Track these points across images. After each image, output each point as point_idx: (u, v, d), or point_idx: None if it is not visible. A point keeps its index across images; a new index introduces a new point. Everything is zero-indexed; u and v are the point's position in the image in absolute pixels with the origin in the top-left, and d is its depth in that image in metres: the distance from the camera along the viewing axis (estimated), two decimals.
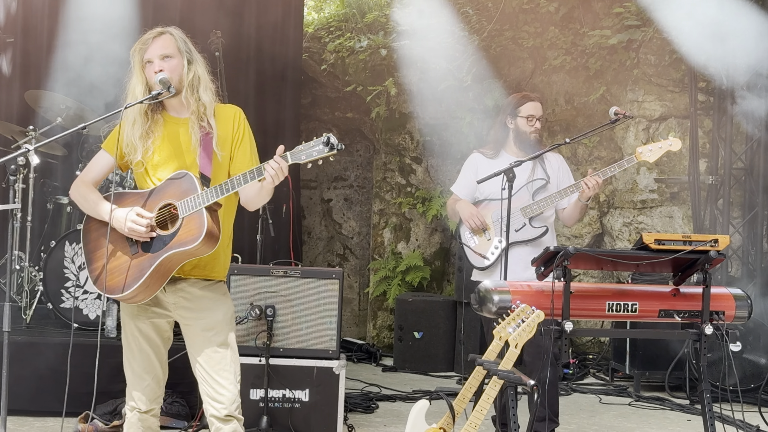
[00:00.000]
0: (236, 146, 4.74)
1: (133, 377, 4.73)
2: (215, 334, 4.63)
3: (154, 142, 4.64)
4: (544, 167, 6.37)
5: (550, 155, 6.44)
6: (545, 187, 6.30)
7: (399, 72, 10.58)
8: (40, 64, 9.47)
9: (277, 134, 10.46)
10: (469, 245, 6.32)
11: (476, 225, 6.25)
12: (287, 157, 4.43)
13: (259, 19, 10.31)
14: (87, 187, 4.72)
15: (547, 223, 6.30)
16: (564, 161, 6.58)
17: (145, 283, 4.46)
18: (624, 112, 5.96)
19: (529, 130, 6.35)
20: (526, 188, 6.24)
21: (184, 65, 4.64)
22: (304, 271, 6.92)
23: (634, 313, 4.93)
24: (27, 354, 6.80)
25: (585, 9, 10.34)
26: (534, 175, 6.32)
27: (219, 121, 4.72)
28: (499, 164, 6.16)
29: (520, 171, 6.05)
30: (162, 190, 4.56)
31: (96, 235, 4.65)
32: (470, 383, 4.91)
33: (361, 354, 10.19)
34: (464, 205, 6.37)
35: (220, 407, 4.57)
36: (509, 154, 6.33)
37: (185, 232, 4.45)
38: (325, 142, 4.35)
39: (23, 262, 7.74)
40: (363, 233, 11.61)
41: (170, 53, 4.62)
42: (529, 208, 6.18)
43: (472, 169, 6.44)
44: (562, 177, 6.42)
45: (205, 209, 4.44)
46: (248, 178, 4.46)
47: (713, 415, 4.97)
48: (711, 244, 4.82)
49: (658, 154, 6.00)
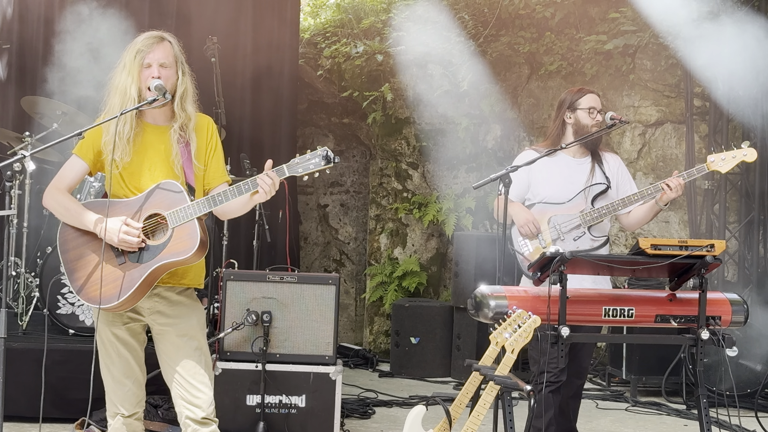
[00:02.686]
0: (210, 156, 4.78)
1: (114, 383, 4.75)
2: (190, 339, 4.69)
3: (132, 148, 4.65)
4: (603, 169, 6.01)
5: (608, 156, 6.11)
6: (606, 194, 5.95)
7: (395, 77, 10.59)
8: (36, 70, 9.47)
9: (273, 140, 10.46)
10: (522, 252, 5.96)
11: (531, 232, 5.91)
12: (284, 169, 4.48)
13: (255, 25, 10.30)
14: (64, 195, 4.71)
15: (607, 232, 5.99)
16: (622, 163, 6.18)
17: (134, 293, 4.49)
18: (620, 117, 5.80)
19: (591, 122, 5.93)
20: (583, 194, 5.94)
21: (178, 76, 4.65)
22: (300, 276, 6.92)
23: (630, 318, 4.93)
24: (23, 360, 6.78)
25: (581, 14, 10.35)
26: (593, 178, 5.98)
27: (195, 131, 4.74)
28: (554, 162, 5.96)
29: (578, 174, 5.89)
30: (148, 199, 4.57)
31: (76, 244, 4.65)
32: (467, 389, 4.91)
33: (357, 359, 10.17)
34: (519, 209, 5.98)
35: (197, 410, 4.64)
36: (565, 153, 6.00)
37: (177, 242, 4.48)
38: (323, 156, 4.41)
39: (19, 268, 7.72)
40: (359, 239, 11.61)
41: (168, 62, 4.63)
42: (590, 216, 5.84)
43: (523, 169, 5.88)
44: (621, 180, 6.05)
45: (196, 220, 4.47)
46: (243, 190, 4.51)
47: (710, 420, 4.97)
48: (707, 249, 4.82)
49: (731, 164, 5.75)
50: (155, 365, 4.84)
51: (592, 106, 5.96)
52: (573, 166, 6.02)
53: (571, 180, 5.96)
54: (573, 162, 6.03)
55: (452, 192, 10.67)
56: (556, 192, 5.93)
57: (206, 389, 4.67)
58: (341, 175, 11.64)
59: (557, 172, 5.99)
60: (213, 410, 4.68)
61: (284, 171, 4.47)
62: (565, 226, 5.87)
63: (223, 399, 6.54)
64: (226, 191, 4.52)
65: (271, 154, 10.11)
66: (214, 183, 4.73)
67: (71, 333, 7.29)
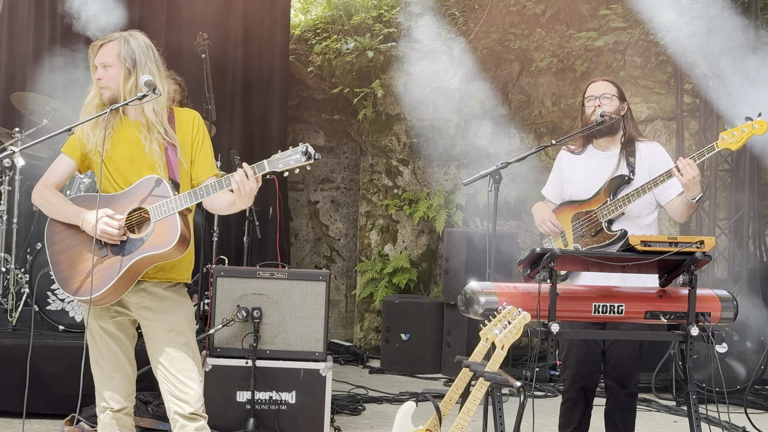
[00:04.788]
0: (197, 149, 4.79)
1: (103, 377, 4.77)
2: (177, 335, 4.70)
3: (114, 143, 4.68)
4: (630, 161, 5.71)
5: (643, 145, 5.78)
6: (628, 184, 5.65)
7: (386, 74, 10.59)
8: (26, 66, 9.45)
9: (264, 136, 10.47)
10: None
11: (548, 230, 5.80)
12: (264, 165, 4.50)
13: (245, 21, 10.30)
14: (51, 192, 4.75)
15: (638, 226, 5.63)
16: (660, 148, 5.82)
17: (115, 285, 4.51)
18: (610, 114, 5.64)
19: (589, 111, 5.71)
20: (607, 187, 5.72)
21: (123, 75, 4.66)
22: (290, 273, 6.92)
23: (620, 314, 4.93)
24: (13, 356, 6.77)
25: (571, 11, 10.36)
26: (618, 170, 5.72)
27: (178, 126, 4.75)
28: (583, 159, 5.85)
29: (603, 168, 5.71)
30: (132, 193, 4.61)
31: (61, 237, 4.70)
32: (457, 385, 4.90)
33: (348, 356, 10.18)
34: (538, 209, 5.93)
35: (185, 406, 4.65)
36: (595, 147, 5.84)
37: (158, 236, 4.50)
38: (303, 152, 4.43)
39: (9, 264, 7.71)
40: (350, 235, 11.61)
41: (110, 62, 4.68)
42: (606, 209, 5.63)
43: (558, 169, 5.95)
44: (655, 168, 5.63)
45: (177, 214, 4.49)
46: (224, 184, 4.53)
47: (699, 416, 4.98)
48: (697, 246, 4.82)
49: (742, 139, 5.37)
50: (146, 361, 4.84)
51: (591, 94, 5.78)
52: (601, 160, 5.81)
53: (598, 174, 5.76)
54: (601, 156, 5.83)
55: (443, 188, 10.67)
56: (581, 188, 5.80)
57: (194, 384, 4.67)
58: (332, 172, 11.63)
59: (583, 168, 5.84)
60: (202, 405, 4.68)
61: (264, 166, 4.49)
62: (586, 223, 5.72)
63: (213, 395, 6.55)
64: (207, 185, 4.54)
65: (262, 150, 10.13)
66: (203, 176, 4.74)
67: (61, 329, 7.28)
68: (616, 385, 5.76)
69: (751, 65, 8.57)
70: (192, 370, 4.68)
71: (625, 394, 5.77)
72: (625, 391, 5.77)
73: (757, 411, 8.00)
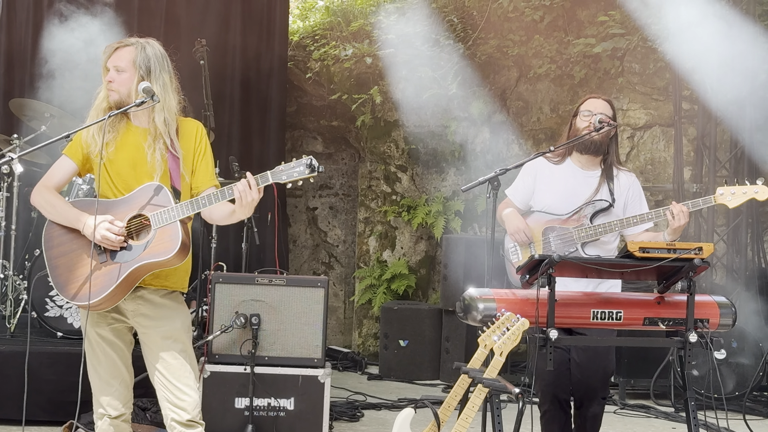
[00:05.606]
0: (198, 159, 4.79)
1: (101, 383, 4.76)
2: (174, 342, 4.70)
3: (117, 148, 4.68)
4: (611, 187, 5.77)
5: (623, 174, 5.86)
6: (607, 211, 5.70)
7: (384, 80, 10.58)
8: (25, 73, 9.45)
9: (262, 143, 10.46)
10: (511, 259, 5.83)
11: (522, 241, 5.75)
12: (267, 176, 4.50)
13: (244, 28, 10.30)
14: (51, 193, 4.74)
15: (604, 250, 5.71)
16: (637, 182, 5.92)
17: (114, 291, 4.51)
18: (608, 120, 5.69)
19: (584, 125, 5.74)
20: (583, 208, 5.72)
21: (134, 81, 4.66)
22: (289, 279, 6.92)
23: (618, 321, 4.93)
24: (11, 363, 6.76)
25: (569, 17, 10.37)
26: (598, 194, 5.75)
27: (181, 136, 4.76)
28: (561, 171, 5.84)
29: (583, 187, 5.73)
30: (132, 200, 4.61)
31: (60, 241, 4.70)
32: (455, 391, 4.91)
33: (346, 362, 10.17)
34: (513, 217, 5.81)
35: (182, 413, 4.65)
36: (575, 163, 5.87)
37: (158, 243, 4.51)
38: (307, 164, 4.45)
39: (7, 270, 7.71)
40: (348, 241, 11.60)
41: (123, 66, 4.67)
42: (584, 233, 5.63)
43: (531, 174, 5.88)
44: (631, 201, 5.80)
45: (178, 222, 4.50)
46: (226, 194, 4.53)
47: (698, 422, 4.98)
48: (695, 252, 4.82)
49: (740, 200, 5.55)
50: (143, 368, 4.84)
51: (589, 109, 5.80)
52: (580, 178, 5.82)
53: (575, 192, 5.77)
54: (581, 174, 5.84)
55: (441, 195, 10.67)
56: (556, 202, 5.76)
57: (191, 391, 4.67)
58: (330, 178, 11.63)
59: (562, 182, 5.81)
60: (199, 413, 4.68)
61: (268, 177, 4.50)
62: (558, 240, 5.70)
63: (212, 402, 6.55)
64: (209, 195, 4.55)
65: (260, 156, 10.14)
66: (203, 186, 4.74)
67: (59, 336, 7.27)
68: (584, 399, 5.78)
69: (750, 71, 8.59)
70: (189, 377, 4.68)
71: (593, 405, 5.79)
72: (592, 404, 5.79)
73: (755, 417, 7.99)
